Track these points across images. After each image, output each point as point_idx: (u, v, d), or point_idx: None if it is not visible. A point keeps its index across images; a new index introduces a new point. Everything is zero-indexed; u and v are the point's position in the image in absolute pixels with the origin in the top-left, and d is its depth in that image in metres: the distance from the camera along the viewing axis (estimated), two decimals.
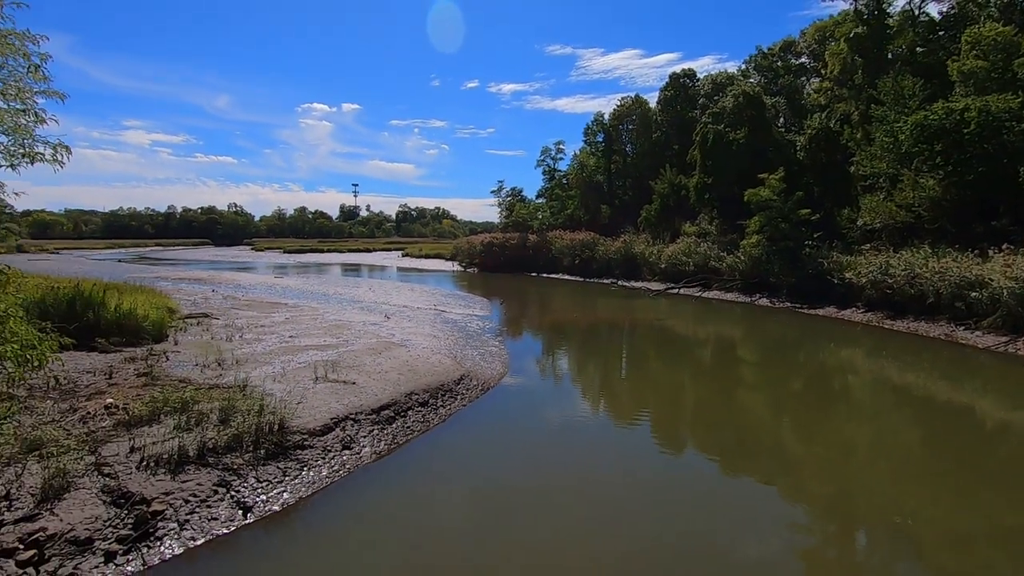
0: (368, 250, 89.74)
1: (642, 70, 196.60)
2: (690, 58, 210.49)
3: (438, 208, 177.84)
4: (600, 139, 55.93)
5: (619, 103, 54.84)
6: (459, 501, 7.38)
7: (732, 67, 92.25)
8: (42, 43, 6.87)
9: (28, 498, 6.13)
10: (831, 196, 29.53)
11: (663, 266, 34.88)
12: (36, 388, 9.26)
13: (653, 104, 52.75)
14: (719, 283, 30.50)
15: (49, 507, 6.04)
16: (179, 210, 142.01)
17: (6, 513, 5.89)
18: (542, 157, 60.95)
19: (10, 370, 6.10)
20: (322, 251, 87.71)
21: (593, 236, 43.47)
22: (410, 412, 9.97)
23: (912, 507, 7.38)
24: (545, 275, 44.26)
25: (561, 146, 60.57)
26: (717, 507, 7.36)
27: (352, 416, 9.14)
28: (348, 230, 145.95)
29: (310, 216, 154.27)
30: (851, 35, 32.43)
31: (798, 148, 32.59)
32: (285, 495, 7.07)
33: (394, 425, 9.39)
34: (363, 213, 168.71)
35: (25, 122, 6.55)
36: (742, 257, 29.21)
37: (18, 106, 6.78)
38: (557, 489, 7.74)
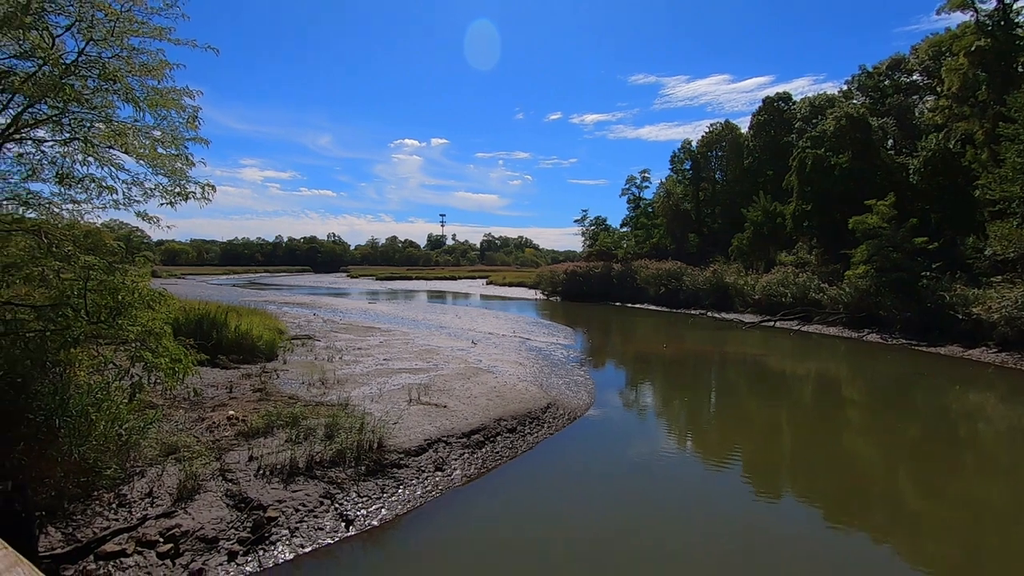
0: (453, 278, 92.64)
1: (730, 95, 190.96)
2: (783, 80, 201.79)
3: (521, 237, 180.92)
4: (688, 167, 54.85)
5: (708, 129, 53.74)
6: (545, 535, 7.34)
7: (831, 88, 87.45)
8: (196, 97, 7.95)
9: (167, 497, 6.88)
10: (951, 223, 26.90)
11: (757, 297, 33.16)
12: (171, 398, 10.39)
13: (744, 129, 51.09)
14: (820, 316, 28.47)
15: (183, 506, 6.74)
16: (285, 240, 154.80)
17: (149, 509, 6.63)
18: (627, 186, 60.68)
19: (162, 381, 6.94)
20: (410, 278, 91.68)
21: (680, 265, 42.27)
22: (499, 438, 10.12)
23: None
24: (629, 305, 43.45)
25: (647, 174, 60.01)
26: (821, 565, 6.79)
27: (444, 439, 9.43)
28: (435, 258, 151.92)
29: (400, 245, 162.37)
30: (972, 48, 29.75)
31: (911, 172, 30.12)
32: (383, 511, 7.40)
33: (484, 450, 9.57)
34: (449, 242, 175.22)
35: (180, 165, 7.58)
36: (847, 289, 27.16)
37: (174, 152, 7.85)
38: (644, 530, 7.51)
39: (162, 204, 7.45)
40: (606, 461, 10.11)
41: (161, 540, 6.12)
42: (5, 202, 8.36)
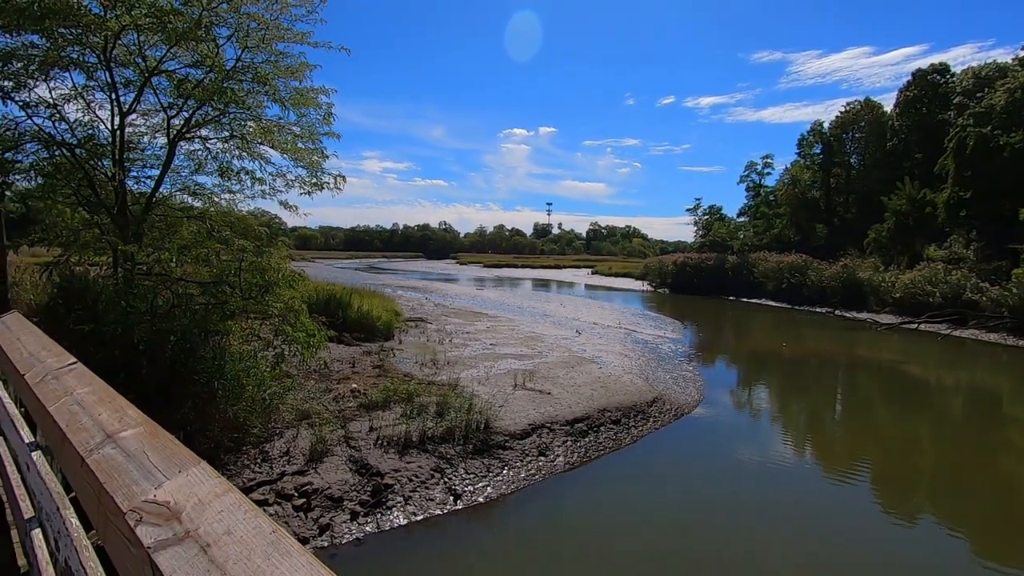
0: (558, 266, 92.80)
1: (870, 70, 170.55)
2: (938, 49, 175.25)
3: (628, 226, 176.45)
4: (818, 150, 50.03)
5: (843, 109, 48.62)
6: (641, 532, 7.19)
7: (1003, 55, 74.88)
8: (330, 95, 8.69)
9: (300, 457, 7.68)
10: None
11: (897, 295, 29.60)
12: (304, 370, 11.53)
13: (887, 108, 45.55)
14: (978, 320, 24.83)
15: (314, 466, 7.49)
16: (401, 227, 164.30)
17: (286, 466, 7.45)
18: (746, 172, 56.51)
19: (299, 353, 7.79)
20: (516, 266, 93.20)
21: (805, 258, 38.85)
22: (602, 428, 10.07)
23: None
24: (744, 300, 40.83)
25: (769, 160, 55.46)
26: None
27: (548, 425, 9.58)
28: (540, 247, 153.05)
29: (507, 233, 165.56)
30: None
31: None
32: (488, 489, 7.69)
33: (587, 439, 9.58)
34: (555, 231, 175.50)
35: (316, 158, 8.36)
36: (1014, 289, 23.42)
37: (311, 146, 8.66)
38: (747, 542, 7.10)
39: (301, 193, 8.30)
40: (712, 463, 9.68)
41: (296, 495, 6.87)
42: (178, 193, 9.74)
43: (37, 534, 2.04)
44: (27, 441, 2.24)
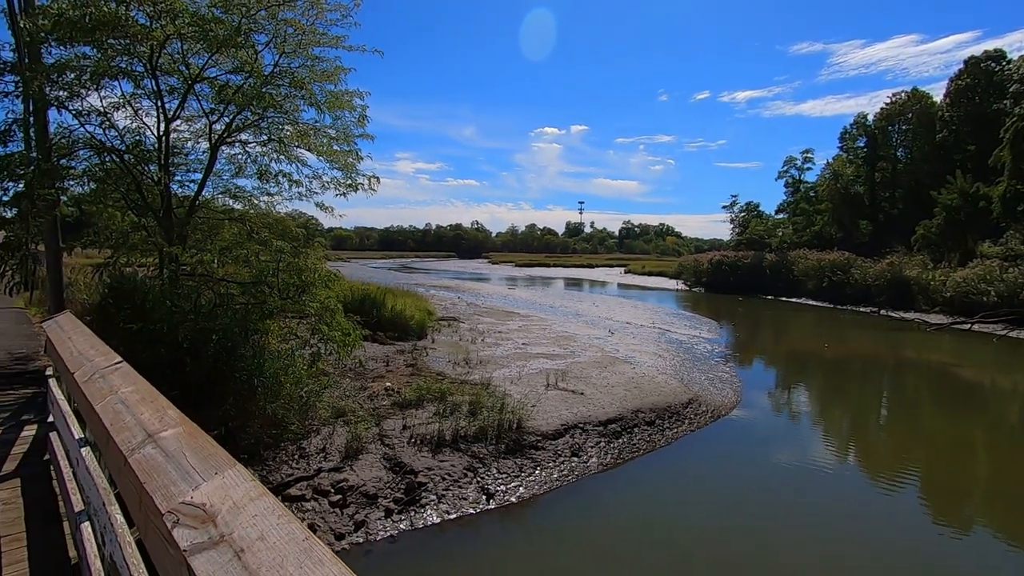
0: (590, 265, 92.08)
1: (918, 59, 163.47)
2: (993, 35, 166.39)
3: (662, 224, 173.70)
4: (861, 144, 48.20)
5: (888, 100, 46.66)
6: (676, 537, 7.04)
7: None
8: (365, 97, 8.81)
9: (336, 454, 7.81)
10: None
11: (948, 294, 28.28)
12: (339, 368, 11.74)
13: (937, 98, 43.52)
14: None
15: (349, 463, 7.61)
16: (433, 227, 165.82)
17: (323, 463, 7.59)
18: (784, 168, 54.96)
19: (335, 351, 7.93)
20: (548, 265, 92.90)
21: (848, 256, 37.51)
22: (636, 429, 9.92)
23: None
24: (783, 299, 39.66)
25: (809, 155, 53.77)
26: None
27: (580, 425, 9.49)
28: (572, 246, 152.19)
29: (538, 233, 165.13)
30: None
31: None
32: (521, 489, 7.67)
33: (620, 440, 9.46)
34: (587, 230, 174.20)
35: (351, 160, 8.50)
36: None
37: (346, 148, 8.80)
38: (791, 550, 6.86)
39: (337, 195, 8.45)
40: (751, 467, 9.41)
41: (332, 491, 6.99)
42: (219, 195, 10.05)
43: (86, 527, 2.12)
44: (77, 437, 2.33)
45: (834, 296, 36.06)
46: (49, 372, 4.31)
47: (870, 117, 48.03)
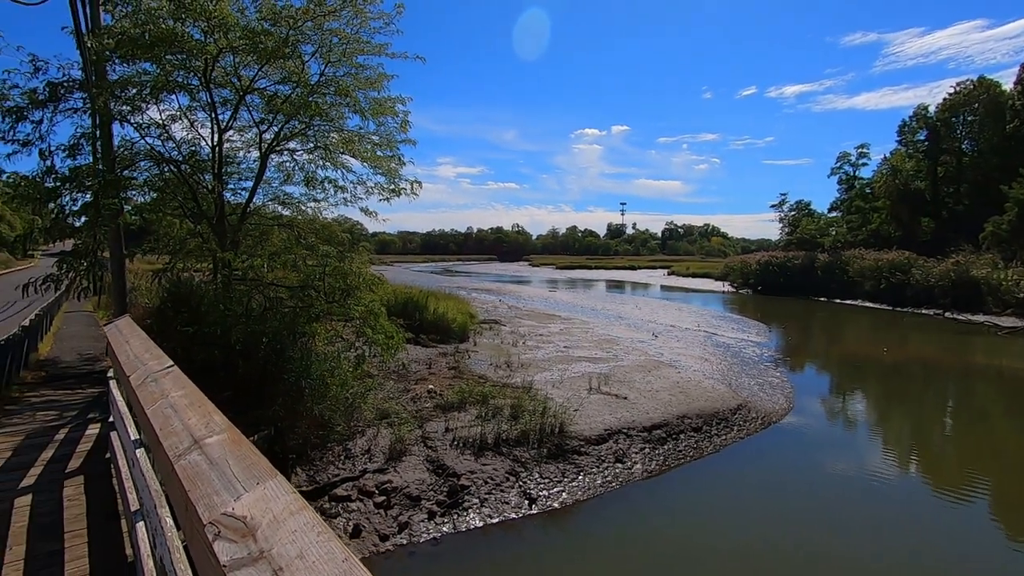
0: (632, 267, 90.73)
1: (984, 45, 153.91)
2: None
3: (706, 224, 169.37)
4: (922, 137, 45.66)
5: (952, 90, 43.99)
6: (728, 548, 6.76)
7: None
8: (407, 103, 8.93)
9: (380, 455, 7.91)
10: None
11: (1021, 296, 26.41)
12: (383, 370, 11.92)
13: (1007, 86, 40.74)
14: None
15: (393, 465, 7.68)
16: (475, 230, 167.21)
17: (368, 464, 7.70)
18: (838, 164, 52.66)
19: (379, 354, 8.05)
20: (589, 267, 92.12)
21: (908, 255, 35.54)
22: (682, 436, 9.65)
23: None
24: (837, 300, 37.94)
25: (864, 150, 51.33)
26: None
27: (624, 430, 9.30)
28: (614, 248, 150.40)
29: (579, 235, 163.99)
30: None
31: None
32: (563, 494, 7.56)
33: (665, 446, 9.21)
34: (629, 231, 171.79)
35: (394, 165, 8.62)
36: None
37: (389, 153, 8.93)
38: (856, 567, 6.48)
39: (380, 200, 8.59)
40: (804, 476, 8.98)
41: (376, 492, 7.07)
42: (269, 202, 10.37)
43: (141, 527, 2.18)
44: (133, 438, 2.40)
45: (893, 298, 34.22)
46: (110, 374, 4.51)
47: (931, 108, 45.51)
